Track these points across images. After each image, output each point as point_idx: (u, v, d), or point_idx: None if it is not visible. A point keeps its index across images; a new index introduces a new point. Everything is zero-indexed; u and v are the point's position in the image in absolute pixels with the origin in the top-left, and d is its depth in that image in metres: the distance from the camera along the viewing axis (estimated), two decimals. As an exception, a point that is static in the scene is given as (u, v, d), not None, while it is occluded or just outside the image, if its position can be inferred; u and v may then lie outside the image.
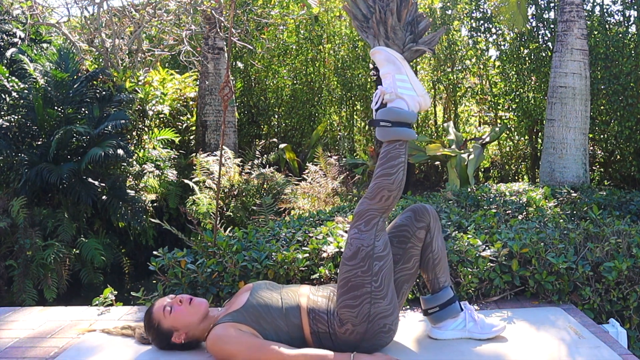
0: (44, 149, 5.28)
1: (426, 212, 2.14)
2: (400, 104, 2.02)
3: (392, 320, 1.98)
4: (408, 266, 2.11)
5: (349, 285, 1.96)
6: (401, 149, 2.00)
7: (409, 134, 2.01)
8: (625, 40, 6.29)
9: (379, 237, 1.97)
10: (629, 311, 2.66)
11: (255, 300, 2.02)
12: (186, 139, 7.60)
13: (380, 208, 1.99)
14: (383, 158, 2.01)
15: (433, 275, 2.19)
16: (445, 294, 2.19)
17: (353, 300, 1.95)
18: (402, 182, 1.99)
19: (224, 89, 2.90)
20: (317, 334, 1.99)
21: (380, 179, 1.99)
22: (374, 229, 1.97)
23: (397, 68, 2.04)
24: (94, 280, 5.19)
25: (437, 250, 2.16)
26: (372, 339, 1.97)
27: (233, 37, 7.99)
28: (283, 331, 1.98)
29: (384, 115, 2.01)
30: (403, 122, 2.00)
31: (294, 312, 2.01)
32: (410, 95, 2.03)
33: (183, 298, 2.08)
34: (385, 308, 1.96)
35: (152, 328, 2.10)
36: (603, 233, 2.94)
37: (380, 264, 1.96)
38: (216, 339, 1.93)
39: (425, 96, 2.07)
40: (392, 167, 1.99)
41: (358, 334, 1.96)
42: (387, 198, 1.98)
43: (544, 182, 5.29)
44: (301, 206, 5.60)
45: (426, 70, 9.22)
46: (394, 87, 2.02)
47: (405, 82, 2.03)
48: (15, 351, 2.27)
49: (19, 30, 6.88)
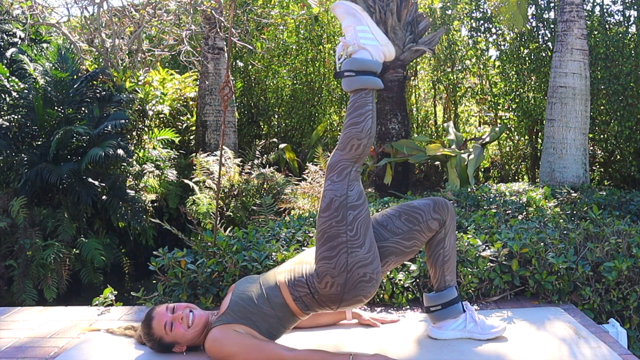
0: (44, 149, 5.28)
1: (446, 207, 2.14)
2: (364, 54, 2.03)
3: (372, 269, 1.96)
4: (405, 243, 2.08)
5: (325, 236, 1.95)
6: (367, 97, 2.01)
7: (374, 82, 2.01)
8: (625, 40, 6.29)
9: (352, 187, 1.97)
10: (629, 311, 2.66)
11: (238, 297, 2.03)
12: (186, 139, 7.60)
13: (352, 158, 1.99)
14: (351, 108, 2.02)
15: (440, 273, 2.18)
16: (449, 293, 2.19)
17: (330, 251, 1.94)
18: (371, 129, 1.99)
19: (224, 89, 2.90)
20: (300, 298, 2.00)
21: (350, 129, 1.99)
22: (346, 178, 1.97)
23: (358, 20, 2.05)
24: (94, 280, 5.19)
25: (449, 248, 2.16)
26: (353, 289, 1.95)
27: (233, 37, 7.99)
28: (270, 315, 1.99)
29: (348, 66, 2.02)
30: (367, 71, 2.01)
31: (274, 292, 2.02)
32: (373, 45, 2.03)
33: (184, 315, 2.04)
34: (363, 257, 1.94)
35: (152, 341, 2.08)
36: (603, 233, 2.94)
37: (355, 213, 1.95)
38: (213, 343, 1.94)
39: (388, 45, 2.06)
40: (359, 115, 1.99)
41: (338, 286, 1.94)
42: (357, 147, 1.98)
43: (544, 182, 5.28)
44: (301, 206, 5.60)
45: (426, 70, 9.22)
46: (355, 39, 2.03)
47: (367, 32, 2.04)
48: (15, 351, 2.27)
49: (19, 30, 6.88)
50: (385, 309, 2.64)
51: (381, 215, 2.14)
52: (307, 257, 2.12)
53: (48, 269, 4.77)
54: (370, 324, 2.39)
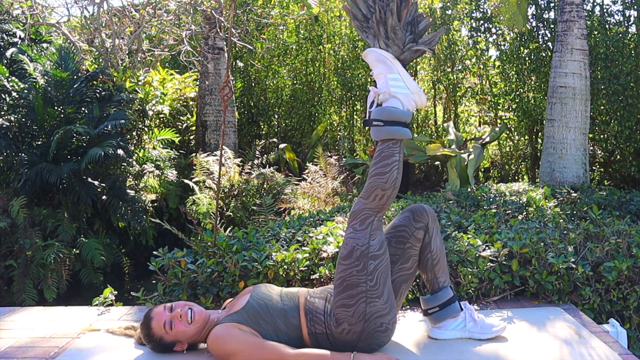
0: (44, 149, 5.27)
1: (424, 212, 2.14)
2: (395, 103, 2.02)
3: (389, 319, 1.98)
4: (406, 266, 2.11)
5: (344, 284, 1.96)
6: (395, 147, 2.00)
7: (403, 133, 2.00)
8: (625, 40, 6.29)
9: (374, 237, 1.97)
10: (629, 311, 2.66)
11: (256, 302, 2.03)
12: (186, 139, 7.60)
13: (375, 207, 1.99)
14: (377, 157, 2.01)
15: (432, 276, 2.19)
16: (444, 294, 2.19)
17: (349, 299, 1.95)
18: (396, 180, 1.99)
19: (224, 89, 2.90)
20: (315, 334, 2.00)
21: (374, 178, 1.99)
22: (368, 228, 1.97)
23: (389, 67, 2.04)
24: (94, 280, 5.19)
25: (436, 250, 2.16)
26: (368, 338, 1.97)
27: (233, 37, 7.99)
28: (282, 331, 1.98)
29: (377, 115, 2.01)
30: (396, 121, 2.00)
31: (293, 312, 2.01)
32: (404, 94, 2.02)
33: (182, 313, 2.03)
34: (381, 307, 1.96)
35: (153, 341, 2.07)
36: (603, 233, 2.94)
37: (376, 263, 1.95)
38: (216, 338, 1.93)
39: (419, 93, 2.06)
40: (385, 165, 1.98)
41: (355, 334, 1.96)
42: (381, 197, 1.98)
43: (544, 182, 5.28)
44: (301, 206, 5.60)
45: (426, 70, 9.22)
46: (386, 87, 2.02)
47: (398, 80, 2.03)
48: (15, 351, 2.27)
49: (19, 30, 6.87)
50: (385, 309, 2.64)
51: None
52: (328, 293, 2.09)
53: (48, 269, 4.77)
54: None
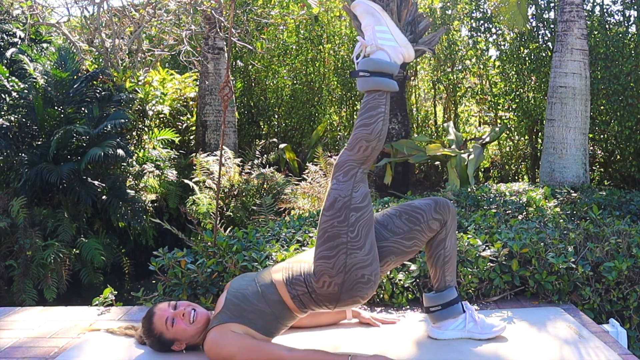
0: (44, 149, 5.28)
1: (447, 208, 2.13)
2: (381, 55, 2.00)
3: (370, 271, 1.95)
4: (405, 243, 2.07)
5: (325, 235, 1.95)
6: (381, 99, 1.98)
7: (389, 84, 1.98)
8: (625, 40, 6.29)
9: (357, 188, 1.96)
10: (629, 311, 2.65)
11: (233, 296, 2.03)
12: (186, 139, 7.60)
13: (359, 159, 1.97)
14: (363, 108, 2.00)
15: (440, 273, 2.18)
16: (449, 293, 2.18)
17: (329, 250, 1.94)
18: (381, 132, 1.97)
19: (224, 89, 2.90)
20: (298, 297, 1.99)
21: (359, 129, 1.97)
22: (352, 179, 1.96)
23: (377, 20, 2.02)
24: (94, 280, 5.19)
25: (450, 248, 2.15)
26: (350, 290, 1.95)
27: (233, 37, 7.99)
28: (268, 313, 1.98)
29: (364, 66, 2.00)
30: (382, 72, 1.98)
31: (270, 289, 2.01)
32: (391, 46, 2.01)
33: (185, 312, 2.04)
34: (362, 259, 1.94)
35: (152, 337, 2.08)
36: (603, 233, 2.94)
37: (357, 215, 1.94)
38: (212, 345, 1.94)
39: (407, 46, 2.04)
40: (370, 117, 1.97)
41: (336, 285, 1.94)
42: (365, 148, 1.97)
43: (544, 182, 5.28)
44: (301, 206, 5.60)
45: (426, 70, 9.22)
46: (374, 39, 2.01)
47: (386, 32, 2.01)
48: (15, 351, 2.27)
49: (19, 30, 6.87)
50: (385, 309, 2.64)
51: (382, 214, 2.13)
52: (305, 256, 2.11)
53: (48, 269, 4.77)
54: (371, 323, 2.39)
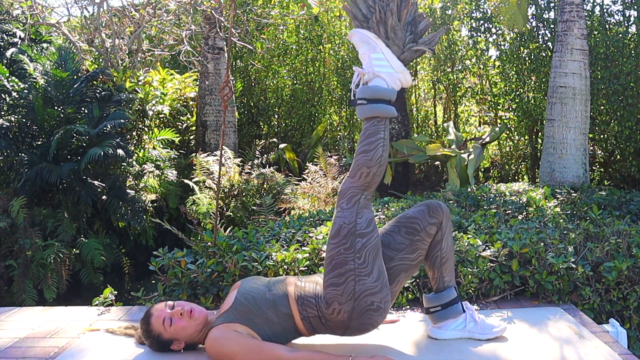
0: (44, 148, 5.28)
1: (440, 210, 2.14)
2: (379, 82, 2.04)
3: (380, 298, 1.96)
4: (411, 257, 2.09)
5: (333, 263, 1.96)
6: (380, 125, 2.01)
7: (387, 110, 2.01)
8: (625, 40, 6.29)
9: (360, 214, 1.98)
10: (629, 311, 2.66)
11: (243, 297, 2.02)
12: (186, 139, 7.60)
13: (361, 185, 2.00)
14: (362, 135, 2.03)
15: (439, 274, 2.18)
16: (448, 293, 2.19)
17: (337, 278, 1.95)
18: (381, 158, 1.99)
19: (224, 89, 2.90)
20: (308, 319, 1.99)
21: (360, 156, 2.00)
22: (355, 206, 1.98)
23: (372, 47, 2.05)
24: (94, 280, 5.19)
25: (446, 249, 2.16)
26: (360, 317, 1.96)
27: (233, 37, 7.99)
28: (274, 322, 1.98)
29: (361, 94, 2.03)
30: (380, 99, 2.01)
31: (282, 301, 2.01)
32: (388, 73, 2.04)
33: (183, 310, 2.04)
34: (371, 285, 1.95)
35: (151, 337, 2.08)
36: (603, 233, 2.94)
37: (363, 241, 1.95)
38: (213, 342, 1.93)
39: (404, 72, 2.07)
40: (370, 143, 2.00)
41: (345, 313, 1.95)
42: (366, 175, 1.99)
43: (544, 182, 5.28)
44: (301, 206, 5.60)
45: (426, 70, 9.22)
46: (370, 67, 2.04)
47: (382, 60, 2.05)
48: (15, 351, 2.27)
49: (19, 30, 6.87)
50: (385, 309, 2.64)
51: (382, 234, 2.14)
52: (318, 277, 2.11)
53: (48, 269, 4.77)
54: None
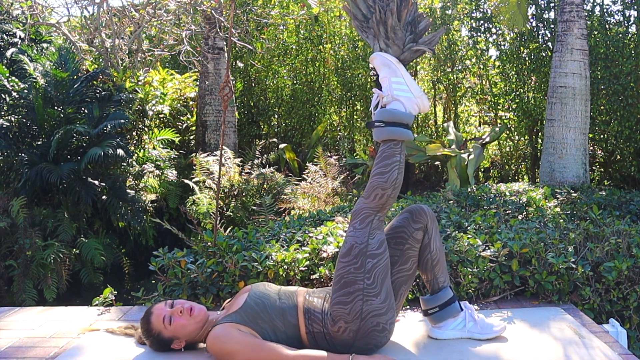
0: (44, 148, 5.28)
1: (423, 213, 2.15)
2: (397, 105, 2.07)
3: (386, 319, 1.98)
4: (406, 267, 2.12)
5: (342, 282, 1.97)
6: (396, 148, 2.04)
7: (404, 134, 2.04)
8: (625, 40, 6.29)
9: (373, 235, 2.00)
10: (629, 311, 2.66)
11: (253, 301, 2.03)
12: (186, 139, 7.60)
13: (375, 207, 2.02)
14: (379, 157, 2.06)
15: (432, 276, 2.19)
16: (444, 294, 2.19)
17: (345, 297, 1.96)
18: (396, 180, 2.02)
19: (224, 89, 2.90)
20: (313, 333, 2.00)
21: (375, 178, 2.03)
22: (368, 227, 2.00)
23: (393, 71, 2.09)
24: (94, 280, 5.19)
25: (436, 250, 2.17)
26: (365, 337, 1.97)
27: (233, 37, 7.99)
28: (280, 330, 1.99)
29: (380, 116, 2.07)
30: (397, 122, 2.04)
31: (291, 311, 2.02)
32: (406, 97, 2.07)
33: (183, 308, 2.05)
34: (378, 306, 1.96)
35: (151, 337, 2.08)
36: (603, 233, 2.94)
37: (374, 262, 1.97)
38: (216, 339, 1.94)
39: (422, 97, 2.11)
40: (386, 165, 2.02)
41: (351, 332, 1.96)
42: (381, 196, 2.01)
43: (544, 182, 5.28)
44: (301, 206, 5.60)
45: (426, 70, 9.22)
46: (390, 90, 2.08)
47: (401, 84, 2.08)
48: (15, 351, 2.27)
49: (19, 30, 6.87)
50: (385, 309, 2.64)
51: None
52: (326, 293, 2.11)
53: (48, 269, 4.77)
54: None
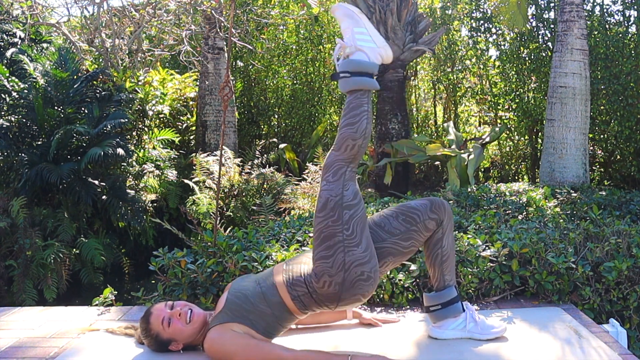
0: (44, 149, 5.28)
1: (442, 207, 2.15)
2: (360, 55, 2.05)
3: (369, 267, 1.97)
4: (403, 244, 2.09)
5: (321, 236, 1.97)
6: (363, 98, 2.03)
7: (370, 83, 2.04)
8: (625, 40, 6.29)
9: (347, 187, 1.99)
10: (629, 311, 2.66)
11: (234, 296, 2.04)
12: (186, 139, 7.60)
13: (347, 158, 2.01)
14: (346, 109, 2.04)
15: (439, 272, 2.19)
16: (449, 292, 2.19)
17: (327, 250, 1.96)
18: (365, 130, 2.01)
19: (224, 89, 2.90)
20: (298, 298, 2.01)
21: (344, 129, 2.02)
22: (341, 178, 2.00)
23: (355, 22, 2.07)
24: (94, 280, 5.19)
25: (447, 247, 2.17)
26: (351, 288, 1.96)
27: (233, 37, 7.99)
28: (267, 314, 1.99)
29: (344, 67, 2.05)
30: (363, 72, 2.03)
31: (271, 290, 2.03)
32: (370, 47, 2.06)
33: (182, 312, 2.05)
34: (360, 255, 1.96)
35: (149, 337, 2.09)
36: (603, 233, 2.94)
37: (351, 213, 1.97)
38: (212, 344, 1.95)
39: (385, 47, 2.09)
40: (354, 116, 2.01)
41: (336, 285, 1.95)
42: (352, 147, 2.00)
43: (544, 182, 5.28)
44: (301, 206, 5.60)
45: (426, 70, 9.22)
46: (352, 40, 2.06)
47: (364, 34, 2.06)
48: (15, 351, 2.27)
49: (19, 30, 6.87)
50: (385, 309, 2.64)
51: (378, 216, 2.15)
52: (304, 257, 2.13)
53: (48, 269, 4.77)
54: (372, 323, 2.39)
